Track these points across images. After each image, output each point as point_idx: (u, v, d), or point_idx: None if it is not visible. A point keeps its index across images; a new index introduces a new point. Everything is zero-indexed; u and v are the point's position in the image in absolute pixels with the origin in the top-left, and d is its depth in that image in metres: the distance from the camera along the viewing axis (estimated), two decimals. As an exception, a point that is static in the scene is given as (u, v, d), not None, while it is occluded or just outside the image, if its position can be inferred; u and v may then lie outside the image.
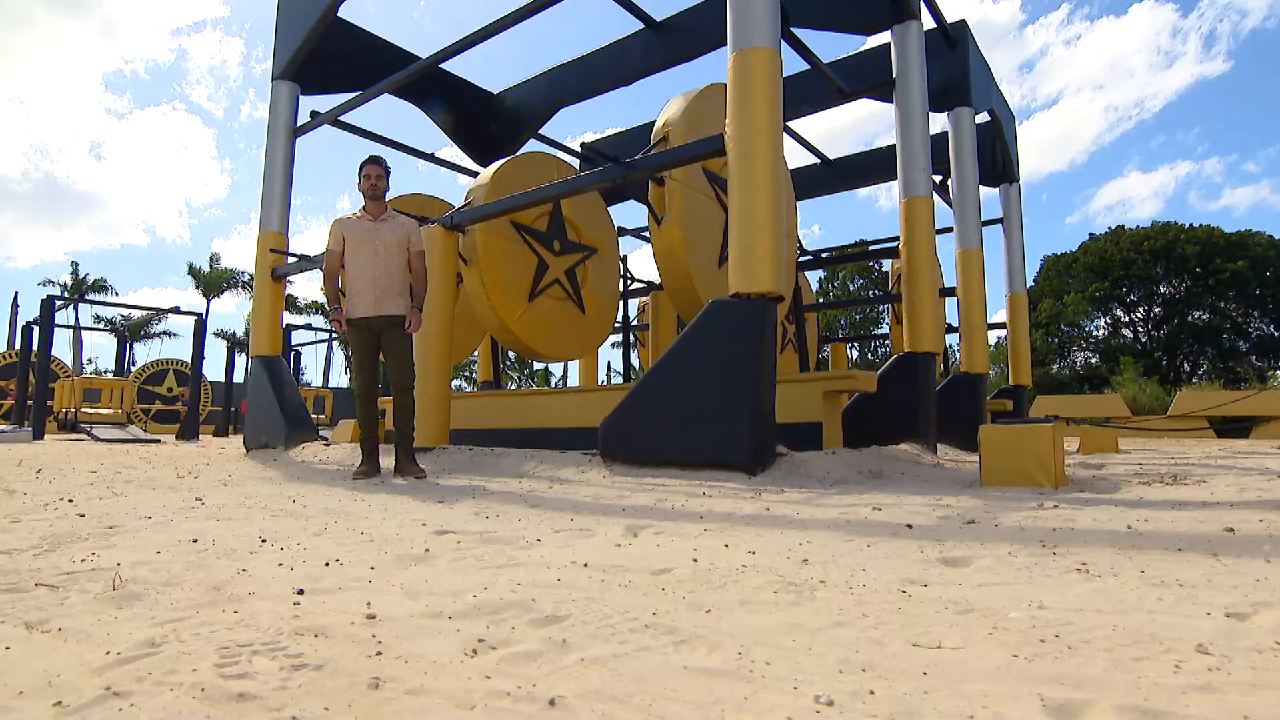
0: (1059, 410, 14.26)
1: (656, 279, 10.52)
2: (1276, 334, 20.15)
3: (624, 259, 7.92)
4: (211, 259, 30.89)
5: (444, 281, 5.78)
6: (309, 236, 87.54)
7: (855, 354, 29.36)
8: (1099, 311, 22.63)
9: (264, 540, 1.81)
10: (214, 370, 28.40)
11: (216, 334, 30.63)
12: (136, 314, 29.85)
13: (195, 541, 1.78)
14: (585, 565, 1.41)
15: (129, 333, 27.26)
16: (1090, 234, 23.72)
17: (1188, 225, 21.47)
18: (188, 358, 26.88)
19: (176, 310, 16.32)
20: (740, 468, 3.84)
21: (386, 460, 4.74)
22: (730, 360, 4.03)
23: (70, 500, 2.67)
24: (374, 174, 4.33)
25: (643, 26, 8.09)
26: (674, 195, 5.18)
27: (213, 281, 30.63)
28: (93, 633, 0.94)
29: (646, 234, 12.09)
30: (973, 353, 7.89)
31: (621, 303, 7.94)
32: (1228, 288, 20.10)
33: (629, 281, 8.12)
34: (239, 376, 24.73)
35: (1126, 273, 21.62)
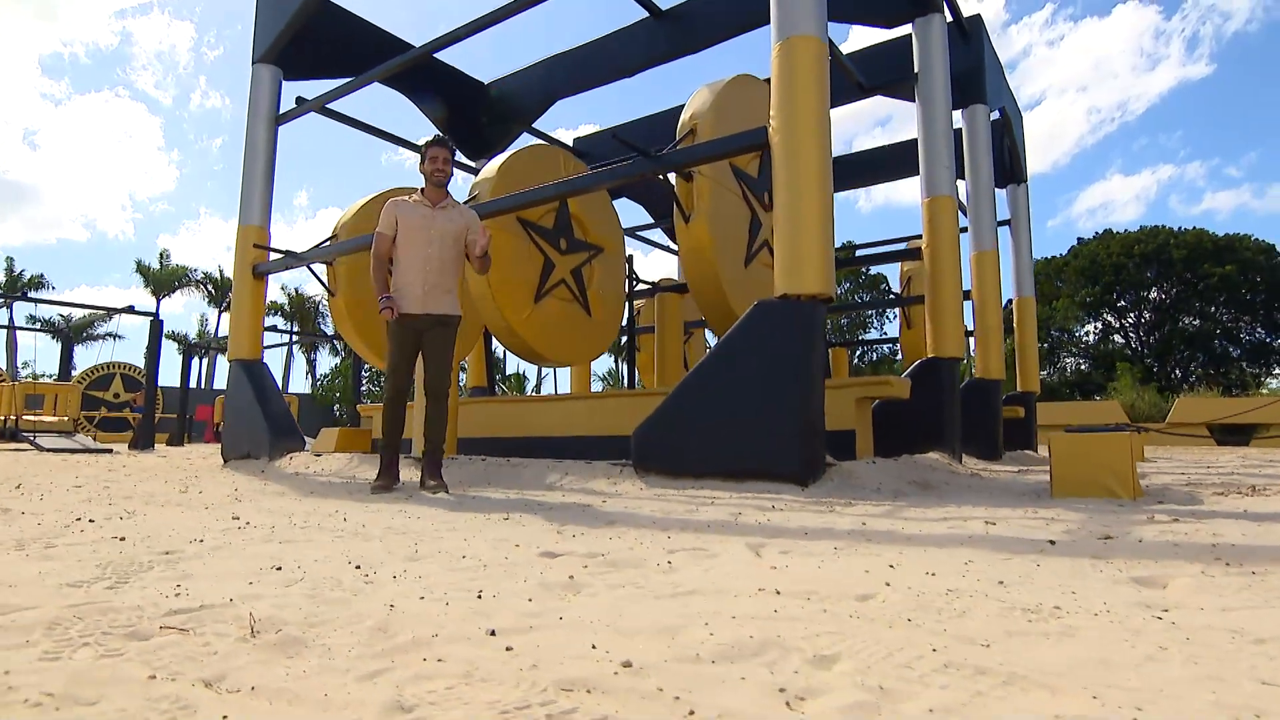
0: (1058, 417, 14.50)
1: (660, 280, 10.43)
2: (1267, 339, 20.82)
3: (629, 259, 7.82)
4: (162, 256, 30.11)
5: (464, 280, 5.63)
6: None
7: None
8: (1089, 316, 23.13)
9: (358, 567, 1.68)
10: (165, 375, 27.66)
11: (168, 336, 29.83)
12: (79, 314, 28.93)
13: (280, 569, 1.64)
14: (778, 593, 1.31)
15: (72, 334, 26.38)
16: (1079, 238, 24.24)
17: (1177, 229, 22.10)
18: (135, 360, 26.12)
19: (130, 310, 15.77)
20: (791, 479, 3.77)
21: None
22: (778, 365, 3.96)
23: (91, 520, 2.49)
24: (441, 156, 4.09)
25: (645, 15, 8.03)
26: (702, 191, 5.11)
27: (163, 280, 29.82)
28: (307, 694, 0.82)
29: (643, 233, 12.05)
30: (988, 358, 7.94)
31: (626, 305, 7.83)
32: (1217, 292, 20.69)
33: (633, 283, 8.03)
34: (194, 381, 24.08)
35: (1117, 277, 22.14)
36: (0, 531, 2.20)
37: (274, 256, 7.43)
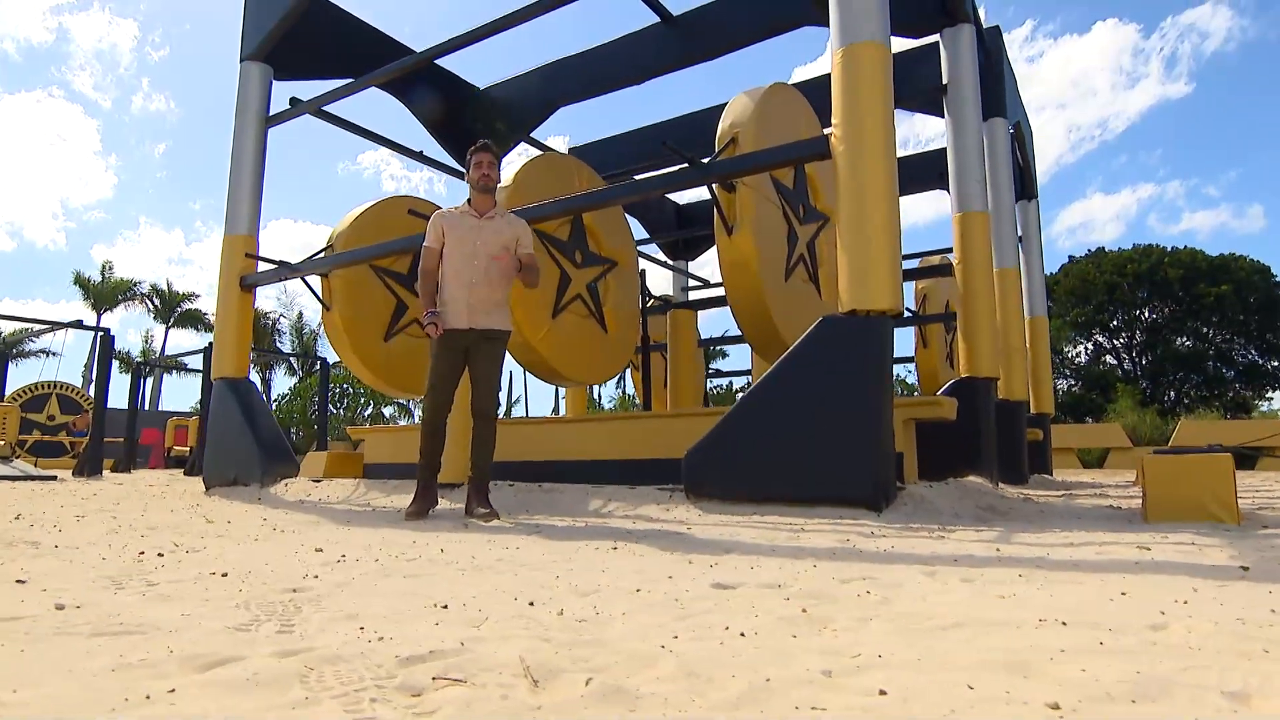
0: (1062, 440, 14.75)
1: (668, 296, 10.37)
2: (1261, 361, 21.52)
3: (642, 273, 7.79)
4: (104, 268, 29.28)
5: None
6: (210, 245, 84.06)
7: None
8: (1081, 337, 23.68)
9: (531, 603, 1.59)
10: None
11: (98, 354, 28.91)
12: (9, 329, 27.93)
13: (447, 608, 1.55)
14: (1064, 624, 1.26)
15: (4, 350, 25.42)
16: (1070, 256, 24.88)
17: (1169, 248, 22.82)
18: (71, 379, 25.24)
19: (79, 325, 15.26)
20: (865, 504, 3.73)
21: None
22: (847, 384, 3.93)
23: (160, 555, 2.35)
24: (485, 162, 4.06)
25: (656, 21, 8.06)
26: (745, 203, 5.10)
27: (105, 294, 28.97)
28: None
29: (640, 249, 12.02)
30: (1011, 378, 8.02)
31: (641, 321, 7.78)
32: (1212, 313, 21.36)
33: (646, 299, 7.99)
34: (140, 403, 23.35)
35: (1110, 297, 22.74)
36: (66, 569, 2.06)
37: (265, 267, 7.24)
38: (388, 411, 30.95)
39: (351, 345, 7.26)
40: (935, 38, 7.04)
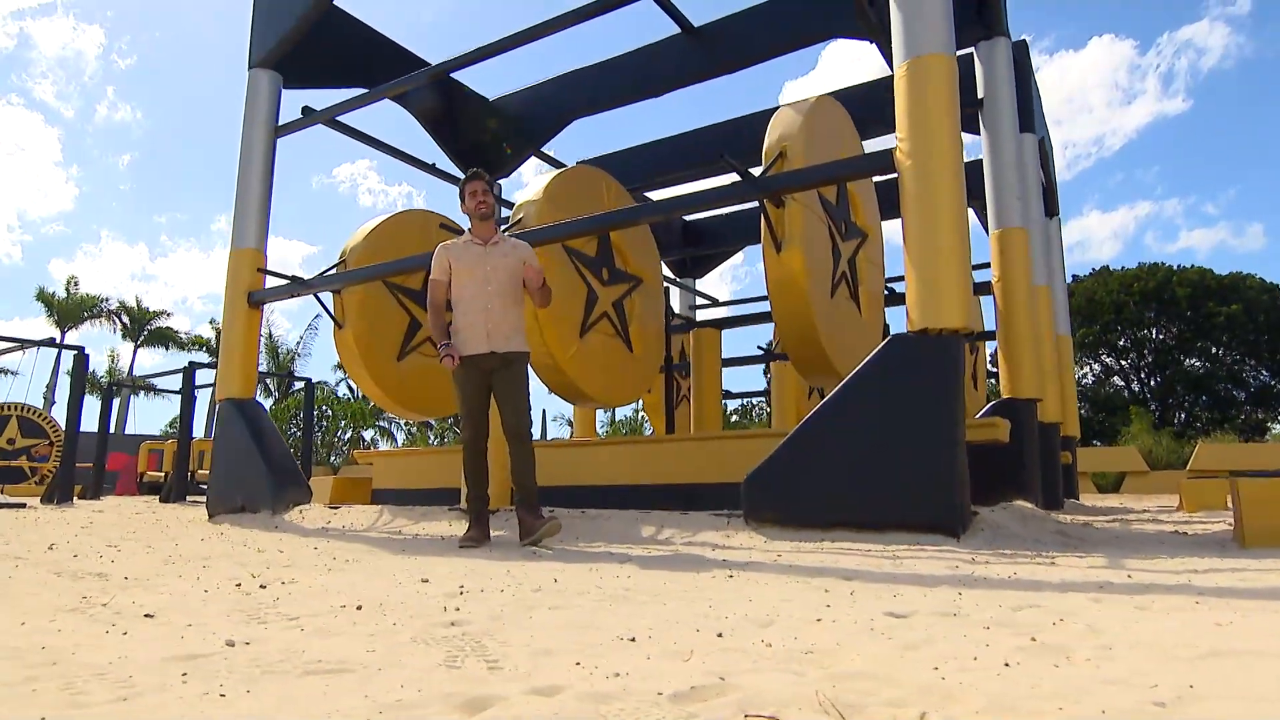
0: (1082, 464, 14.85)
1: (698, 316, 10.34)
2: (1273, 383, 21.86)
3: (666, 291, 7.79)
4: (69, 283, 28.87)
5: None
6: (175, 260, 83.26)
7: (767, 408, 29.76)
8: (1088, 358, 23.96)
9: (720, 635, 1.57)
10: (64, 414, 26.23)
11: (70, 373, 28.47)
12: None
13: (634, 640, 1.52)
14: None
15: (-39, 371, 24.95)
16: (1074, 275, 25.22)
17: (1177, 266, 23.22)
18: (32, 400, 24.75)
19: (51, 343, 15.00)
20: (942, 529, 3.72)
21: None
22: (921, 405, 3.94)
23: (263, 587, 2.29)
24: (480, 190, 4.16)
25: (676, 32, 8.12)
26: (794, 218, 5.13)
27: (70, 311, 28.56)
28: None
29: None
30: (1047, 400, 8.08)
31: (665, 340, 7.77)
32: (1222, 333, 21.69)
33: (669, 317, 7.99)
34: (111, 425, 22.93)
35: (1117, 316, 23.06)
36: (178, 603, 2.01)
37: (275, 282, 7.17)
38: (368, 435, 30.65)
39: (365, 364, 7.19)
40: (969, 50, 7.15)
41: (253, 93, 7.51)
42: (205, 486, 18.23)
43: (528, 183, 6.90)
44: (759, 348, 11.69)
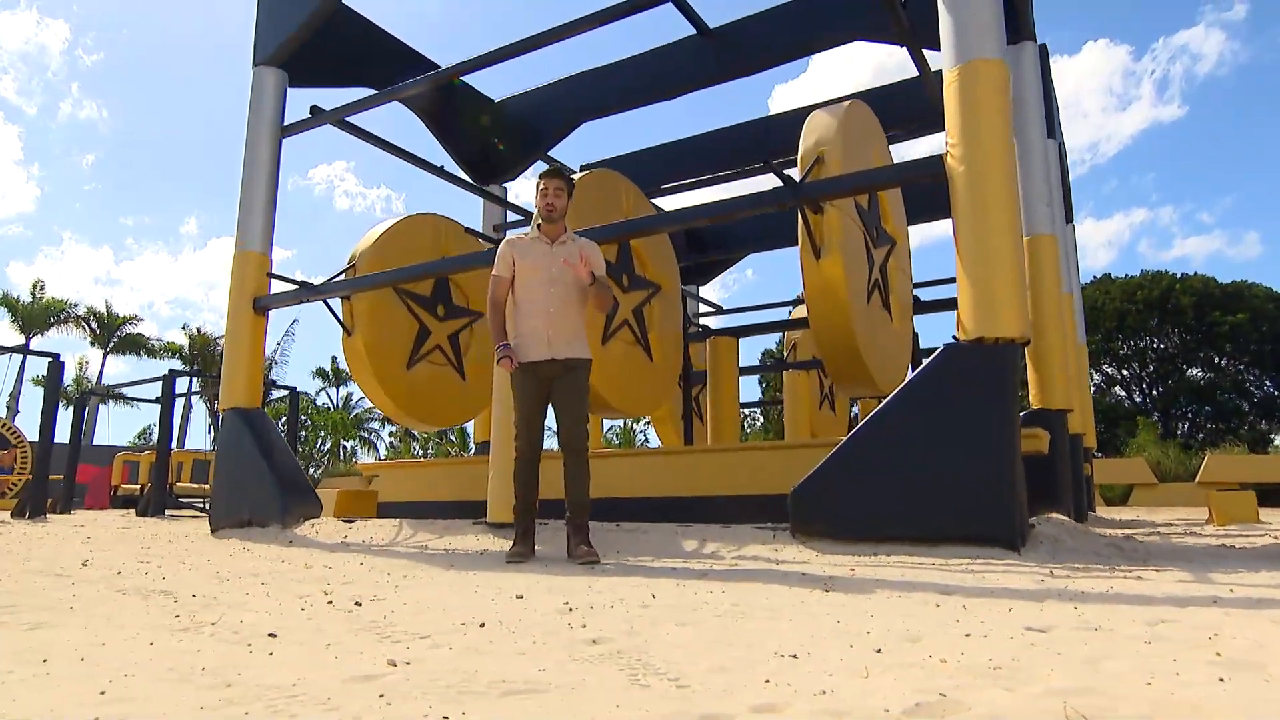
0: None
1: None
2: (1277, 393, 22.21)
3: (684, 298, 7.82)
4: (35, 287, 28.47)
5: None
6: (142, 264, 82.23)
7: (760, 419, 29.81)
8: (1089, 367, 24.23)
9: (879, 650, 1.58)
10: (30, 425, 25.81)
11: (34, 382, 28.07)
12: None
13: (795, 657, 1.53)
14: None
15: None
16: (1075, 283, 25.47)
17: (1180, 275, 23.57)
18: None
19: (24, 350, 14.78)
20: (1003, 542, 3.76)
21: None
22: (979, 416, 3.98)
23: (358, 604, 2.28)
24: (551, 189, 4.11)
25: (692, 34, 8.17)
26: (833, 225, 5.18)
27: (36, 316, 28.14)
28: None
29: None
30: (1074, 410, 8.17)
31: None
32: (1225, 342, 22.03)
33: (687, 325, 8.01)
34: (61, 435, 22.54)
35: (1120, 324, 23.36)
36: (276, 622, 1.99)
37: (283, 287, 7.13)
38: (349, 445, 30.42)
39: (375, 373, 7.17)
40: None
41: (258, 91, 7.48)
42: (185, 500, 18.07)
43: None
44: (768, 355, 11.78)
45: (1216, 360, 22.73)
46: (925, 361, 4.24)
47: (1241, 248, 70.66)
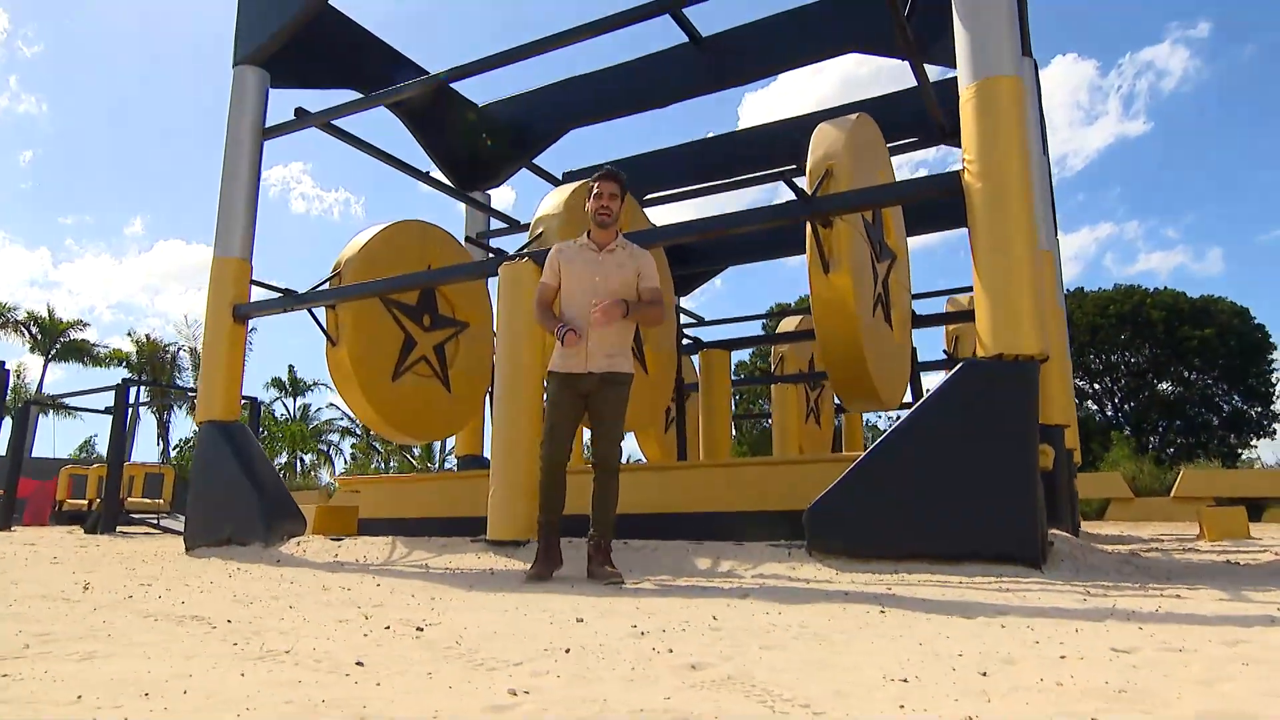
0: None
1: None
2: (1245, 407, 22.99)
3: (678, 310, 7.86)
4: (-30, 291, 27.58)
5: (535, 329, 5.49)
6: (82, 266, 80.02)
7: (734, 432, 29.93)
8: (1062, 380, 24.82)
9: (985, 673, 1.62)
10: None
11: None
12: None
13: (906, 681, 1.57)
14: None
15: None
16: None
17: (1151, 289, 24.31)
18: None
19: (-32, 358, 14.32)
20: (1025, 560, 3.86)
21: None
22: (1000, 433, 4.08)
23: (420, 629, 2.27)
24: (606, 193, 4.01)
25: (685, 41, 8.25)
26: (842, 239, 5.27)
27: (-29, 320, 27.29)
28: None
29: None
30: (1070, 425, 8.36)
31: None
32: (1194, 356, 22.75)
33: (680, 338, 8.06)
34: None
35: (1092, 338, 24.00)
36: (375, 651, 1.98)
37: (264, 295, 7.03)
38: (308, 459, 29.96)
39: (360, 385, 7.08)
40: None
41: (238, 91, 7.39)
42: (137, 516, 17.62)
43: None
44: (741, 368, 11.89)
45: (1186, 375, 23.46)
46: (944, 378, 4.33)
47: (1205, 263, 72.97)
